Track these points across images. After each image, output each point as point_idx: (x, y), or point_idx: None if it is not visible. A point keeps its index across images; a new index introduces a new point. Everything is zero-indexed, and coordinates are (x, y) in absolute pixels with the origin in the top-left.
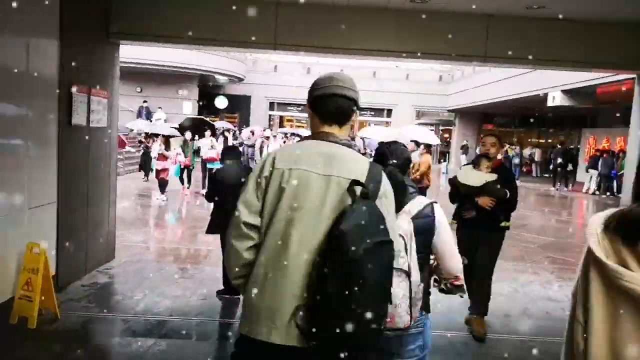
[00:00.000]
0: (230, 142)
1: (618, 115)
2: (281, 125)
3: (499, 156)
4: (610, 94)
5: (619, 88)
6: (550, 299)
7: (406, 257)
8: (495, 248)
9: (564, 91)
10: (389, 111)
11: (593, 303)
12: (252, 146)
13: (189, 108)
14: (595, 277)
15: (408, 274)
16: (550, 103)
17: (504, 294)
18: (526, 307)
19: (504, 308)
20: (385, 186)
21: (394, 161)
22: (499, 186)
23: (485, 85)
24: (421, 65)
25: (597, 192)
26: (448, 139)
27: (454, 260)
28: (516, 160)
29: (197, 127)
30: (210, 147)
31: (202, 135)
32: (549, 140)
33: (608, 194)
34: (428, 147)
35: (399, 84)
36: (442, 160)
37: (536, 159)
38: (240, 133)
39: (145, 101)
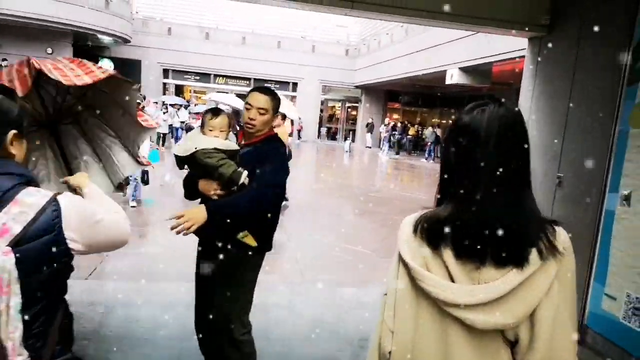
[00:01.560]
0: None
1: (515, 97)
2: (178, 95)
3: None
4: (505, 74)
5: (513, 67)
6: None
7: None
8: (232, 282)
9: (461, 69)
10: (295, 85)
11: (399, 304)
12: None
13: None
14: (403, 279)
15: None
16: (448, 80)
17: None
18: None
19: None
20: None
21: None
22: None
23: (389, 60)
24: (328, 38)
25: None
26: (355, 117)
27: None
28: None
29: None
30: None
31: None
32: (450, 121)
33: None
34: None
35: (305, 56)
36: (347, 138)
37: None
38: None
39: (4, 59)
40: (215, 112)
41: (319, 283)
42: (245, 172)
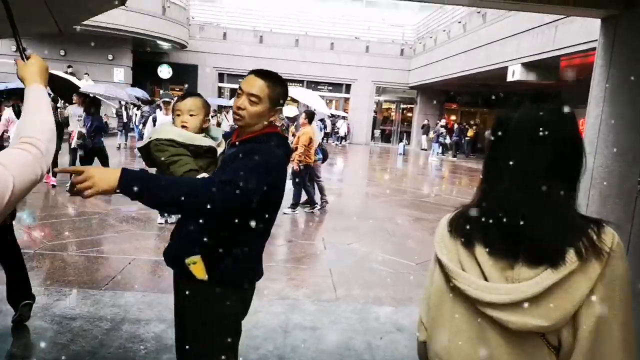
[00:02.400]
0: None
1: (585, 95)
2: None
3: (277, 121)
4: (574, 69)
5: (582, 61)
6: None
7: None
8: (190, 319)
9: (524, 64)
10: (348, 86)
11: (434, 302)
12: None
13: (120, 75)
14: (438, 277)
15: None
16: (510, 78)
17: None
18: None
19: None
20: None
21: None
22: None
23: (445, 59)
24: (382, 37)
25: None
26: (410, 118)
27: None
28: (442, 138)
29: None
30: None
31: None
32: None
33: None
34: (310, 116)
35: (358, 57)
36: (401, 141)
37: None
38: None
39: (69, 66)
40: (190, 94)
41: (351, 300)
42: (205, 175)
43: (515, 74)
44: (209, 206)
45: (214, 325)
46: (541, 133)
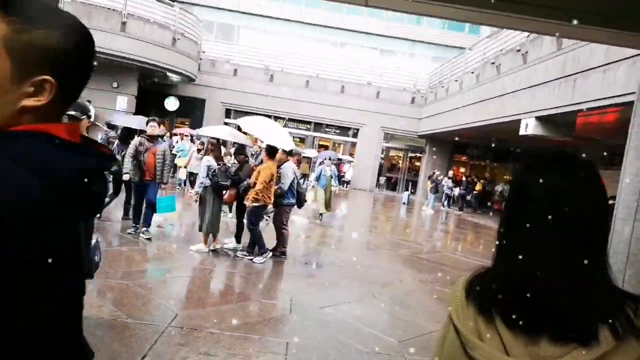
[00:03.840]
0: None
1: (604, 155)
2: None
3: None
4: (590, 127)
5: (600, 119)
6: None
7: None
8: None
9: (538, 118)
10: (356, 131)
11: None
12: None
13: (123, 103)
14: (453, 343)
15: None
16: (522, 131)
17: None
18: None
19: None
20: None
21: None
22: None
23: (456, 109)
24: (394, 84)
25: None
26: (417, 167)
27: None
28: (448, 191)
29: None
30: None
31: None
32: None
33: None
34: (271, 151)
35: (368, 102)
36: (406, 189)
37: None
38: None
39: None
40: None
41: None
42: None
43: (529, 127)
44: None
45: None
46: (566, 202)
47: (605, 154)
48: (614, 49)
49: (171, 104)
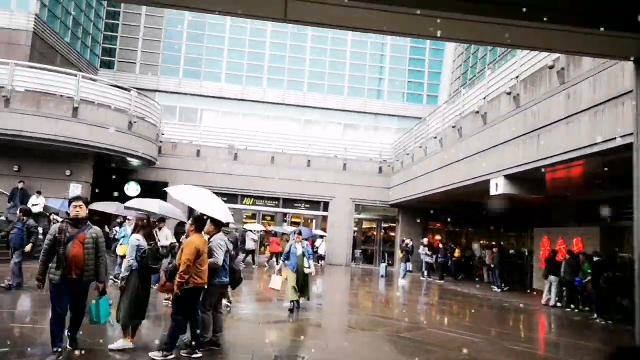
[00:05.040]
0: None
1: (572, 212)
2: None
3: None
4: (559, 182)
5: (567, 174)
6: None
7: None
8: None
9: (508, 176)
10: (326, 204)
11: None
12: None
13: (77, 191)
14: None
15: None
16: (493, 191)
17: None
18: None
19: None
20: None
21: None
22: None
23: (423, 175)
24: (360, 155)
25: (559, 304)
26: (392, 237)
27: None
28: (427, 259)
29: None
30: None
31: None
32: (502, 243)
33: (572, 306)
34: (198, 222)
35: (336, 174)
36: (383, 261)
37: (487, 261)
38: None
39: (21, 181)
40: None
41: None
42: None
43: (499, 187)
44: None
45: None
46: None
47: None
48: (574, 100)
49: (132, 189)
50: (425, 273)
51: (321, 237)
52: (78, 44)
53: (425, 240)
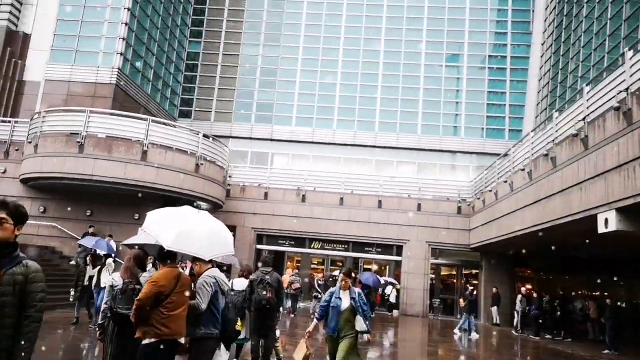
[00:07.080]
0: None
1: None
2: (278, 263)
3: None
4: None
5: None
6: None
7: None
8: None
9: (620, 210)
10: (399, 248)
11: None
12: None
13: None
14: None
15: None
16: (602, 229)
17: None
18: None
19: None
20: None
21: None
22: None
23: (509, 214)
24: (435, 194)
25: None
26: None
27: None
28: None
29: None
30: None
31: None
32: (605, 292)
33: None
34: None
35: (409, 216)
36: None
37: (591, 315)
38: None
39: (91, 226)
40: None
41: None
42: None
43: (610, 223)
44: None
45: None
46: None
47: None
48: None
49: None
50: (519, 327)
51: (391, 284)
52: (158, 95)
53: (523, 290)
